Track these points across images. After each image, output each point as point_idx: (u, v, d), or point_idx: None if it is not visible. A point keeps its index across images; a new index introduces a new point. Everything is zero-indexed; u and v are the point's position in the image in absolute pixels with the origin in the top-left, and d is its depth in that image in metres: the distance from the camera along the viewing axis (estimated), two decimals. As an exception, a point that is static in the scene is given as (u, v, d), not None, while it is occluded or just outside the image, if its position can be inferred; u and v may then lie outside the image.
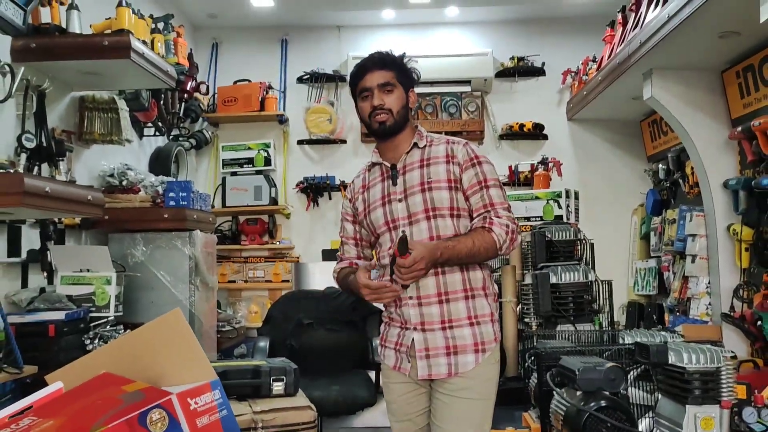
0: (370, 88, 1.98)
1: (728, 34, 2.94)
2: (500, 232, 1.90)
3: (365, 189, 2.10)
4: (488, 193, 1.96)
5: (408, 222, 1.97)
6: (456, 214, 1.97)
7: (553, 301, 2.88)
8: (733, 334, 3.24)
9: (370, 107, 1.98)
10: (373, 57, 2.04)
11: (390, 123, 1.98)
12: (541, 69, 4.96)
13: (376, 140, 2.09)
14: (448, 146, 2.01)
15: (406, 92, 2.03)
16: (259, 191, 4.91)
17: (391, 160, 2.04)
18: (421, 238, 1.94)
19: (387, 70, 2.00)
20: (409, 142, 2.03)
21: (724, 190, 3.37)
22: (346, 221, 2.18)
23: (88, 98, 3.32)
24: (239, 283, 4.94)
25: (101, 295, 2.93)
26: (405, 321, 1.97)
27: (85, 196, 2.46)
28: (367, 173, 2.14)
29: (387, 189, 2.02)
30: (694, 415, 1.77)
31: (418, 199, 1.95)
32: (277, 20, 5.00)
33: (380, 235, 2.05)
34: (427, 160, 2.00)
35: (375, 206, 2.04)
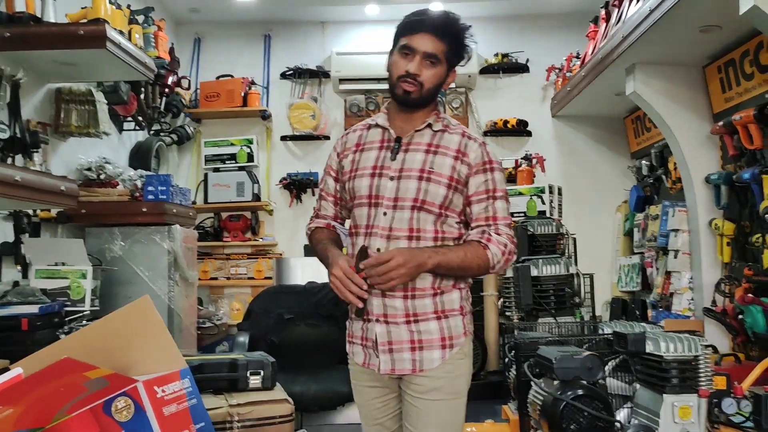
0: (414, 50, 1.77)
1: (709, 27, 2.94)
2: (496, 251, 1.78)
3: (358, 149, 1.89)
4: (494, 205, 1.82)
5: (392, 205, 1.79)
6: (443, 213, 1.81)
7: (534, 294, 2.87)
8: (715, 329, 3.24)
9: (404, 70, 1.78)
10: (434, 18, 1.79)
11: (415, 96, 1.79)
12: (525, 65, 4.96)
13: (393, 99, 1.88)
14: (462, 140, 1.83)
15: (448, 71, 1.83)
16: (241, 187, 4.87)
17: (397, 131, 1.85)
18: (401, 227, 1.78)
19: (440, 41, 1.77)
20: (424, 118, 1.85)
21: (706, 185, 3.37)
22: (329, 175, 1.97)
23: (64, 90, 3.27)
24: (221, 280, 4.89)
25: (76, 289, 2.88)
26: (367, 311, 1.81)
27: (57, 186, 2.41)
28: (365, 132, 1.92)
29: (382, 160, 1.84)
30: (671, 404, 1.76)
31: (412, 186, 1.78)
32: (260, 15, 4.96)
33: (356, 207, 1.86)
34: (435, 147, 1.82)
35: (362, 174, 1.84)
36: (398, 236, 1.78)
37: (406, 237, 1.78)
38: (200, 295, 4.60)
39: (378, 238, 1.78)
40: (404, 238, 1.78)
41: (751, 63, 3.02)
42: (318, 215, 2.01)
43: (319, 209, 2.02)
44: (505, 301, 3.06)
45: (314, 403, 2.96)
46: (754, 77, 3.01)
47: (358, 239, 1.83)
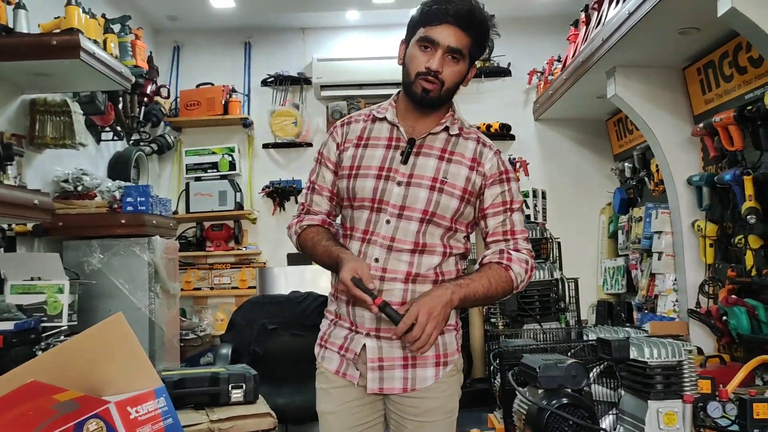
0: (436, 44, 1.58)
1: (688, 30, 2.95)
2: (519, 271, 1.64)
3: (361, 144, 1.70)
4: (512, 218, 1.67)
5: (397, 214, 1.62)
6: (453, 227, 1.66)
7: (519, 300, 2.85)
8: (700, 330, 3.24)
9: (425, 66, 1.59)
10: (459, 8, 1.58)
11: (434, 96, 1.62)
12: (507, 69, 4.96)
13: (404, 94, 1.70)
14: (477, 147, 1.68)
15: (469, 66, 1.66)
16: (224, 196, 4.83)
17: (408, 130, 1.68)
18: (404, 238, 1.62)
19: (466, 35, 1.59)
20: (438, 119, 1.68)
21: (688, 186, 3.38)
22: (324, 167, 1.75)
23: (39, 101, 3.21)
24: (205, 290, 4.83)
25: (53, 304, 2.82)
26: (356, 324, 1.65)
27: (31, 200, 2.36)
28: (370, 124, 1.73)
29: (390, 161, 1.65)
30: (656, 410, 1.74)
31: (422, 195, 1.62)
32: (239, 22, 4.93)
33: (355, 209, 1.68)
34: (450, 153, 1.66)
35: (366, 174, 1.66)
36: (401, 248, 1.62)
37: (410, 250, 1.62)
38: (183, 306, 4.55)
39: (377, 247, 1.62)
40: (407, 251, 1.62)
41: (730, 64, 3.03)
42: (309, 211, 1.77)
43: (309, 204, 1.77)
44: (490, 308, 3.03)
45: (298, 415, 2.92)
46: (734, 78, 3.02)
47: (353, 244, 1.67)
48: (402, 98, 1.71)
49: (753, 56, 2.83)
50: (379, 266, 1.62)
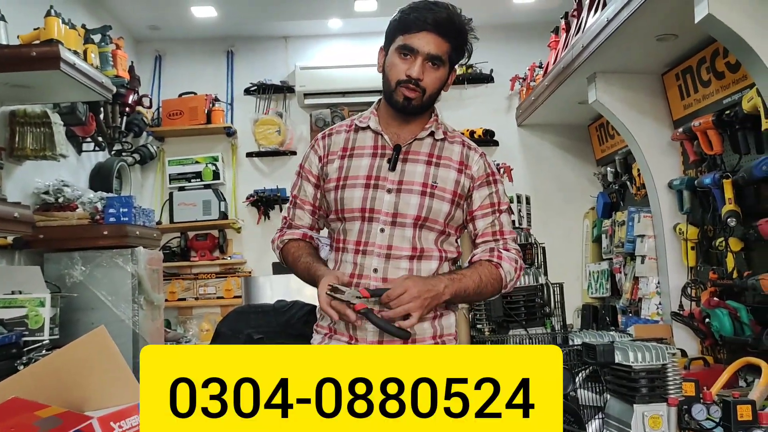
0: (416, 52, 1.58)
1: (666, 36, 2.99)
2: (509, 269, 1.65)
3: (346, 154, 1.69)
4: (500, 219, 1.69)
5: (390, 221, 1.61)
6: (445, 232, 1.67)
7: (505, 305, 2.86)
8: (684, 333, 3.27)
9: (405, 74, 1.59)
10: (437, 14, 1.58)
11: (417, 104, 1.62)
12: (490, 76, 4.98)
13: (386, 103, 1.69)
14: (463, 150, 1.69)
15: (449, 71, 1.66)
16: (208, 206, 4.80)
17: (393, 137, 1.67)
18: (401, 245, 1.61)
19: (445, 41, 1.60)
20: (422, 125, 1.68)
21: (669, 190, 3.41)
22: (306, 181, 1.73)
23: (19, 112, 3.18)
24: (190, 301, 4.79)
25: (34, 318, 2.78)
26: (356, 338, 1.62)
27: (10, 213, 2.33)
28: (353, 134, 1.71)
29: (377, 170, 1.64)
30: (642, 414, 1.75)
31: (414, 201, 1.61)
32: (221, 31, 4.91)
33: (346, 221, 1.66)
34: (437, 158, 1.66)
35: (354, 184, 1.64)
36: (399, 255, 1.61)
37: (408, 257, 1.62)
38: (168, 317, 4.50)
39: (375, 257, 1.61)
40: (406, 258, 1.62)
41: (707, 70, 3.07)
42: (291, 225, 1.77)
43: (291, 218, 1.77)
44: (476, 313, 3.04)
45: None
46: (712, 83, 3.06)
47: (347, 256, 1.64)
48: (384, 106, 1.71)
49: (730, 61, 2.87)
50: (379, 276, 1.61)
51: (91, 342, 1.56)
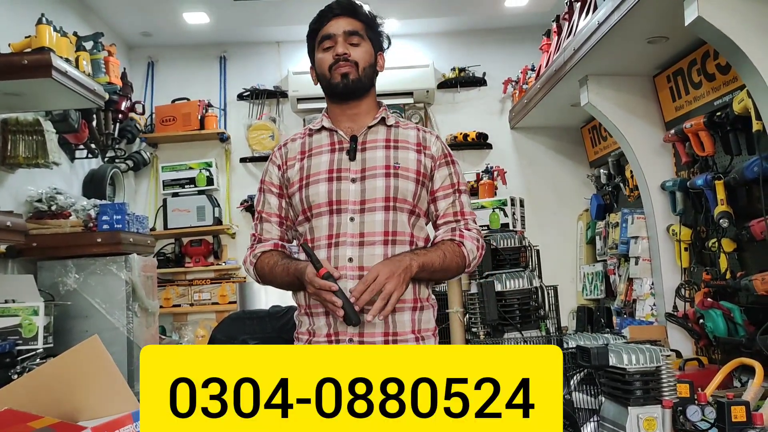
0: (333, 36, 1.68)
1: (657, 39, 3.01)
2: (472, 248, 1.70)
3: (305, 156, 1.73)
4: (460, 199, 1.74)
5: (359, 209, 1.64)
6: (415, 212, 1.70)
7: (499, 309, 2.85)
8: (678, 334, 3.28)
9: (332, 57, 1.67)
10: (340, 2, 1.73)
11: (354, 77, 1.67)
12: (483, 79, 5.00)
13: (331, 102, 1.76)
14: (419, 133, 1.75)
15: (374, 52, 1.74)
16: (202, 211, 4.79)
17: (346, 132, 1.72)
18: (373, 230, 1.63)
19: (356, 20, 1.71)
20: (372, 114, 1.74)
21: (662, 191, 3.43)
22: (269, 193, 1.77)
23: (11, 121, 3.17)
24: (185, 307, 4.78)
25: (28, 327, 2.77)
26: (335, 332, 1.63)
27: (3, 222, 2.33)
28: (308, 138, 1.77)
29: (338, 163, 1.68)
30: (636, 416, 1.76)
31: (380, 184, 1.64)
32: (214, 37, 4.91)
33: (313, 218, 1.68)
34: (394, 142, 1.71)
35: (316, 180, 1.68)
36: (373, 241, 1.63)
37: (382, 242, 1.63)
38: (163, 323, 4.50)
39: (348, 246, 1.62)
40: (379, 243, 1.63)
41: (698, 72, 3.09)
42: (261, 239, 1.79)
43: (260, 234, 1.79)
44: (471, 317, 3.04)
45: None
46: (702, 85, 3.08)
47: (319, 252, 1.64)
48: (331, 106, 1.77)
49: (720, 63, 2.89)
50: (355, 265, 1.62)
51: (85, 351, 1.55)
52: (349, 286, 1.60)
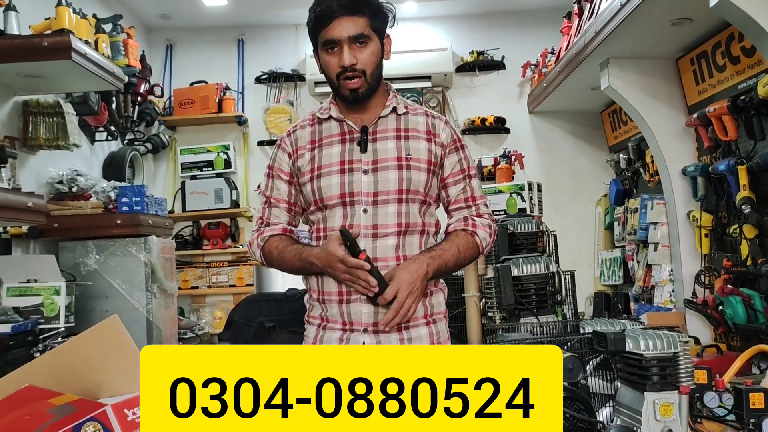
0: (338, 41, 1.61)
1: (681, 21, 2.95)
2: (485, 236, 1.70)
3: (315, 146, 1.70)
4: (470, 184, 1.73)
5: (372, 201, 1.63)
6: (426, 201, 1.70)
7: (516, 293, 2.85)
8: (697, 320, 3.25)
9: (339, 66, 1.62)
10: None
11: (363, 90, 1.63)
12: (501, 63, 4.95)
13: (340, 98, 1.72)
14: (428, 120, 1.73)
15: (381, 42, 1.67)
16: (219, 194, 4.82)
17: (357, 121, 1.69)
18: (386, 223, 1.63)
19: (360, 16, 1.61)
20: (382, 104, 1.71)
21: (683, 177, 3.38)
22: (278, 179, 1.74)
23: (32, 102, 3.20)
24: (202, 289, 4.83)
25: (50, 306, 2.82)
26: (350, 322, 1.64)
27: (24, 203, 2.36)
28: (317, 127, 1.73)
29: (349, 154, 1.66)
30: (652, 402, 1.74)
31: (392, 176, 1.64)
32: (232, 20, 4.91)
33: (326, 209, 1.68)
34: (405, 131, 1.69)
35: (328, 172, 1.66)
36: (386, 233, 1.64)
37: (395, 233, 1.64)
38: (181, 304, 4.55)
39: (361, 238, 1.62)
40: (393, 234, 1.64)
41: (723, 54, 3.03)
42: (268, 223, 1.76)
43: (267, 218, 1.76)
44: (487, 301, 3.03)
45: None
46: (727, 69, 3.02)
47: None
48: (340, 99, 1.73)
49: (745, 46, 2.83)
50: (369, 257, 1.61)
51: (104, 330, 1.57)
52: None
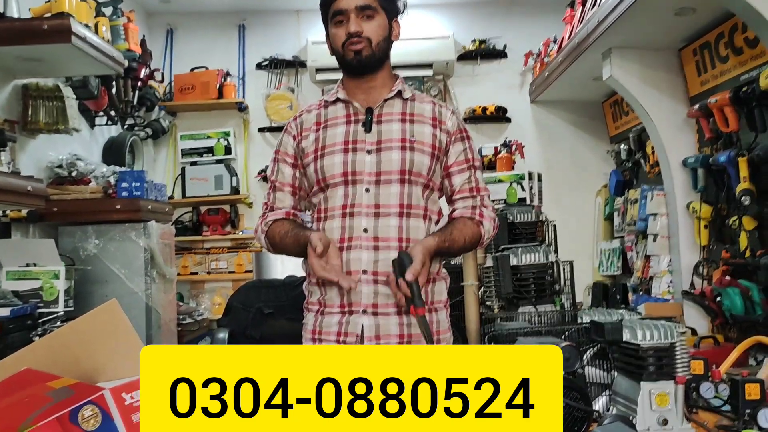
0: (345, 11, 1.64)
1: (684, 10, 2.94)
2: (489, 227, 1.71)
3: (320, 127, 1.72)
4: (475, 175, 1.74)
5: (374, 181, 1.64)
6: (429, 186, 1.70)
7: (515, 283, 2.85)
8: (694, 311, 3.26)
9: (345, 34, 1.64)
10: None
11: (367, 54, 1.65)
12: (503, 51, 4.93)
13: (346, 75, 1.75)
14: (435, 107, 1.73)
15: (389, 21, 1.70)
16: (219, 181, 4.82)
17: (363, 103, 1.71)
18: (388, 202, 1.64)
19: None
20: (389, 86, 1.72)
21: (683, 168, 3.38)
22: (283, 163, 1.76)
23: (31, 86, 3.19)
24: (202, 275, 4.84)
25: (49, 290, 2.82)
26: (348, 303, 1.63)
27: (24, 187, 2.35)
28: (323, 110, 1.75)
29: (353, 134, 1.68)
30: (649, 392, 1.75)
31: (395, 157, 1.64)
32: (233, 5, 4.88)
33: (328, 188, 1.69)
34: (410, 115, 1.70)
35: (331, 151, 1.67)
36: (388, 213, 1.64)
37: (397, 213, 1.64)
38: (180, 290, 4.56)
39: (363, 217, 1.63)
40: (394, 214, 1.64)
41: (726, 45, 3.01)
42: (273, 208, 1.78)
43: (272, 203, 1.78)
44: (486, 290, 3.04)
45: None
46: (729, 59, 3.01)
47: (333, 222, 1.67)
48: (346, 79, 1.76)
49: (749, 37, 2.81)
50: (370, 236, 1.63)
51: (103, 314, 1.58)
52: (364, 255, 1.62)
